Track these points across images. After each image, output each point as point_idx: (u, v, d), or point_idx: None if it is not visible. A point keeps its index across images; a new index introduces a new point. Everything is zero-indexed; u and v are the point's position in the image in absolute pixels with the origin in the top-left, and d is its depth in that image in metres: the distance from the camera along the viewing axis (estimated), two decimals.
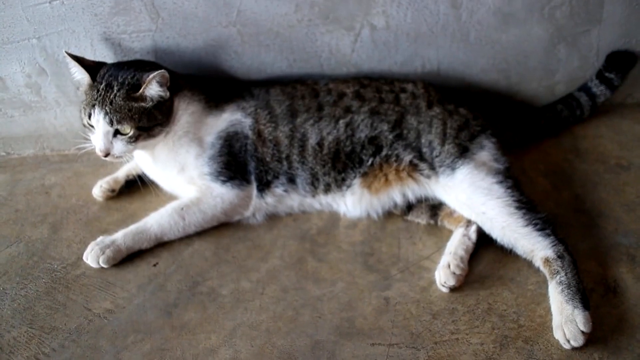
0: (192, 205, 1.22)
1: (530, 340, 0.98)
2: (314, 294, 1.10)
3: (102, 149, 1.17)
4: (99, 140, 1.17)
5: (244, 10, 1.31)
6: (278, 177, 1.25)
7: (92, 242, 1.17)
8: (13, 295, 1.12)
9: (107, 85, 1.17)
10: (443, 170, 1.19)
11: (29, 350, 1.01)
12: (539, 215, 1.12)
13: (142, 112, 1.17)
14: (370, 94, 1.29)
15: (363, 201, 1.25)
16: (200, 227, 1.23)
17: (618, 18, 1.36)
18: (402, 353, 0.98)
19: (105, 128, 1.16)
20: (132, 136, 1.17)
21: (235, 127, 1.27)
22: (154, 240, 1.20)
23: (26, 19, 1.31)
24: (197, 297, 1.10)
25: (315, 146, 1.24)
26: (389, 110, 1.26)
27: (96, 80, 1.18)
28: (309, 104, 1.28)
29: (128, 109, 1.16)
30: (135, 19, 1.32)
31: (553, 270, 1.05)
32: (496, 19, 1.34)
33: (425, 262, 1.15)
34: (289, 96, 1.30)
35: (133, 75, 1.17)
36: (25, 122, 1.48)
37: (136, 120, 1.16)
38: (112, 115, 1.15)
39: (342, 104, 1.27)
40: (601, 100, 1.43)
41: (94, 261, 1.15)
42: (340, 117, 1.25)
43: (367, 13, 1.32)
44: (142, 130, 1.18)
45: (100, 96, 1.16)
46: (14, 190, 1.41)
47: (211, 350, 1.00)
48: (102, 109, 1.15)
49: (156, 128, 1.20)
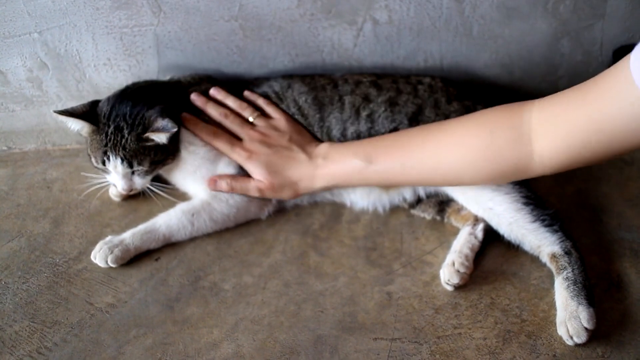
0: (203, 212, 1.21)
1: (533, 335, 0.98)
2: (316, 289, 1.10)
3: (126, 189, 1.20)
4: (121, 182, 1.19)
5: (245, 5, 1.31)
6: None
7: (100, 241, 1.16)
8: (15, 290, 1.12)
9: (115, 128, 1.15)
10: None
11: (31, 345, 1.01)
12: (547, 211, 1.11)
13: (157, 148, 1.17)
14: (387, 84, 1.28)
15: (372, 194, 1.24)
16: (210, 232, 1.22)
17: (622, 13, 1.35)
18: (405, 347, 0.98)
19: (125, 171, 1.17)
20: (147, 170, 1.19)
21: None
22: (162, 241, 1.19)
23: (27, 13, 1.31)
24: (199, 291, 1.10)
25: (341, 137, 1.24)
26: (407, 102, 1.25)
27: (100, 124, 1.17)
28: (332, 95, 1.27)
29: (143, 148, 1.16)
30: (137, 12, 1.31)
31: (560, 266, 1.05)
32: (499, 13, 1.33)
33: (427, 257, 1.15)
34: (312, 87, 1.29)
35: (142, 115, 1.16)
36: (27, 116, 1.48)
37: (152, 156, 1.17)
38: (130, 159, 1.16)
39: (360, 92, 1.27)
40: None
41: (102, 260, 1.14)
42: (359, 107, 1.25)
43: (369, 7, 1.32)
44: (157, 163, 1.19)
45: (111, 142, 1.15)
46: (15, 185, 1.41)
47: (213, 344, 1.00)
48: (117, 155, 1.15)
49: (169, 158, 1.21)
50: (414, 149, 1.09)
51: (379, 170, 1.09)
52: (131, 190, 1.21)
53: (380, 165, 1.10)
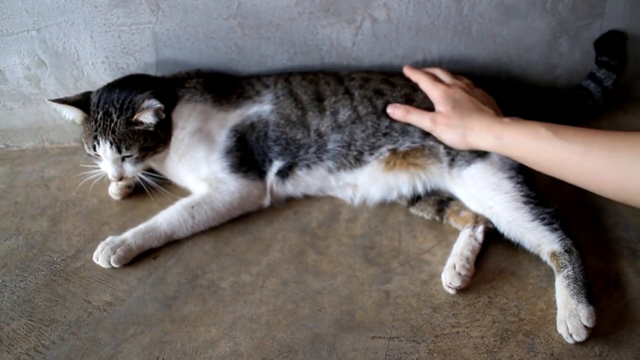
0: (204, 204, 1.21)
1: (531, 334, 0.98)
2: (314, 287, 1.10)
3: (116, 175, 1.20)
4: (111, 168, 1.20)
5: (244, 3, 1.30)
6: (307, 151, 1.25)
7: (101, 242, 1.16)
8: (12, 288, 1.12)
9: (104, 114, 1.17)
10: (460, 164, 1.19)
11: (28, 343, 1.01)
12: (547, 209, 1.11)
13: (147, 133, 1.18)
14: (400, 82, 1.29)
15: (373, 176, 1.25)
16: (211, 225, 1.23)
17: (620, 11, 1.36)
18: (403, 346, 0.97)
19: (114, 156, 1.18)
20: (138, 157, 1.19)
21: (252, 119, 1.27)
22: (164, 239, 1.19)
23: (25, 10, 1.31)
24: (197, 290, 1.10)
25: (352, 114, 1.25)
26: (425, 99, 1.25)
27: (91, 112, 1.19)
28: (336, 88, 1.28)
29: (132, 133, 1.17)
30: (135, 10, 1.31)
31: (560, 265, 1.05)
32: (498, 11, 1.33)
33: (426, 256, 1.15)
34: (313, 82, 1.30)
35: (130, 99, 1.18)
36: (25, 114, 1.48)
37: (141, 141, 1.18)
38: (119, 143, 1.17)
39: (370, 87, 1.28)
40: (609, 84, 1.41)
41: (105, 261, 1.13)
42: (372, 97, 1.26)
43: (368, 6, 1.32)
44: (147, 149, 1.20)
45: (101, 127, 1.17)
46: (13, 183, 1.41)
47: (211, 342, 1.00)
48: (106, 139, 1.17)
49: (160, 146, 1.22)
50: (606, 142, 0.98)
51: (563, 147, 1.01)
52: (121, 177, 1.21)
53: (565, 142, 1.01)
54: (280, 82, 1.31)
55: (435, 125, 1.18)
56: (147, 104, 1.16)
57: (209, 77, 1.33)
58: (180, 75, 1.33)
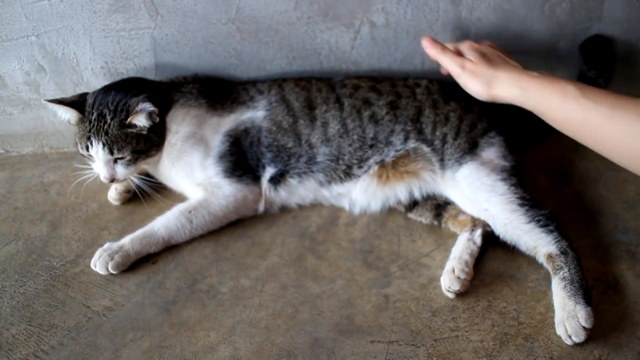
0: (201, 208, 1.21)
1: (531, 338, 0.98)
2: (313, 292, 1.10)
3: (107, 177, 1.20)
4: (103, 169, 1.20)
5: (243, 7, 1.31)
6: (299, 160, 1.25)
7: (99, 249, 1.16)
8: (12, 293, 1.12)
9: (99, 115, 1.18)
10: (451, 165, 1.20)
11: (27, 348, 1.01)
12: (542, 211, 1.12)
13: (140, 136, 1.19)
14: (386, 88, 1.29)
15: (369, 191, 1.25)
16: (209, 229, 1.23)
17: (619, 15, 1.36)
18: (402, 350, 0.97)
19: (106, 157, 1.18)
20: (130, 159, 1.19)
21: (246, 124, 1.27)
22: (162, 244, 1.19)
23: (25, 16, 1.31)
24: (196, 294, 1.10)
25: (341, 129, 1.25)
26: (407, 105, 1.26)
27: (86, 113, 1.19)
28: (327, 96, 1.29)
29: (125, 135, 1.18)
30: (134, 16, 1.31)
31: (556, 266, 1.05)
32: (496, 16, 1.34)
33: (424, 260, 1.15)
34: (305, 89, 1.30)
35: (124, 102, 1.19)
36: (24, 119, 1.48)
37: (134, 144, 1.19)
38: (111, 145, 1.17)
39: (359, 96, 1.28)
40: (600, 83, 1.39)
41: (103, 268, 1.13)
42: (360, 109, 1.26)
43: (366, 10, 1.32)
44: (139, 153, 1.20)
45: (94, 127, 1.18)
46: (12, 188, 1.41)
47: (210, 347, 1.00)
48: (99, 140, 1.17)
49: (152, 150, 1.22)
50: (632, 108, 0.94)
51: (588, 107, 0.97)
52: (113, 179, 1.21)
53: (592, 102, 0.97)
54: (274, 88, 1.32)
55: (463, 71, 1.13)
56: (140, 107, 1.16)
57: (205, 82, 1.33)
58: (178, 79, 1.34)
